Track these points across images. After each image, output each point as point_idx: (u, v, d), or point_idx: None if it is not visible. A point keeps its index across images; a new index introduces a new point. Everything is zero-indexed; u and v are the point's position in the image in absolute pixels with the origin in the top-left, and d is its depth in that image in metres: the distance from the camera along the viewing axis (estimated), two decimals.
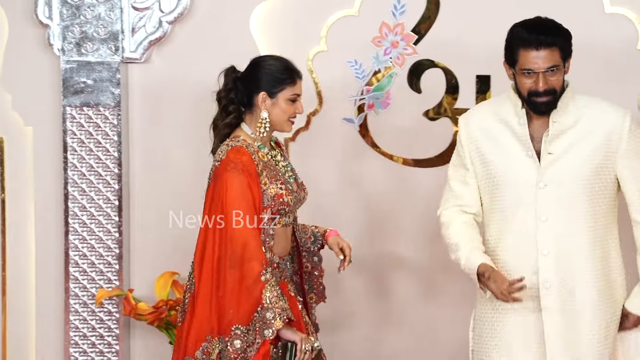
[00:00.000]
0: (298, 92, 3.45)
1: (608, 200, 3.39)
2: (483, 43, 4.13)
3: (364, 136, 4.23)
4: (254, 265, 3.26)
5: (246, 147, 3.37)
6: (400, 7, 4.18)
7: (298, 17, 4.20)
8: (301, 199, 3.51)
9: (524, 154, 3.37)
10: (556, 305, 3.34)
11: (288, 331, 3.27)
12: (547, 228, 3.34)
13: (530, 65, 3.30)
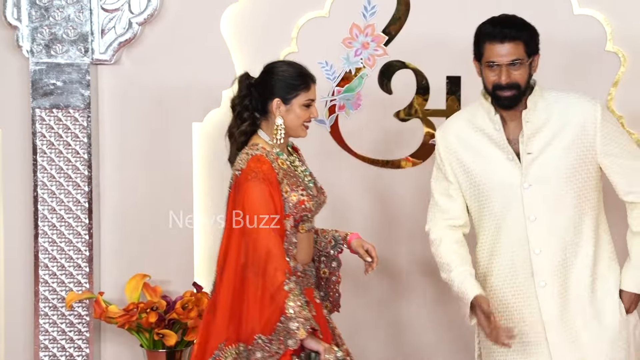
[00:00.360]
0: (312, 97, 3.42)
1: (594, 191, 3.42)
2: (453, 44, 4.15)
3: (335, 137, 4.24)
4: (277, 275, 3.22)
5: (266, 155, 3.35)
6: (370, 8, 4.19)
7: (268, 18, 4.20)
8: (321, 203, 3.50)
9: (504, 157, 3.40)
10: (553, 303, 3.38)
11: (312, 341, 3.23)
12: (536, 227, 3.38)
13: (494, 58, 3.35)
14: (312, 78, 3.44)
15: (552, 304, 3.39)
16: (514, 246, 3.40)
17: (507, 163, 3.40)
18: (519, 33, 3.35)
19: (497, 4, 4.06)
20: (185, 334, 3.96)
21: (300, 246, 3.39)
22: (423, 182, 4.06)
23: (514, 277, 3.42)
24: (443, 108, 4.20)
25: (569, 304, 3.40)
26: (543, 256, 3.38)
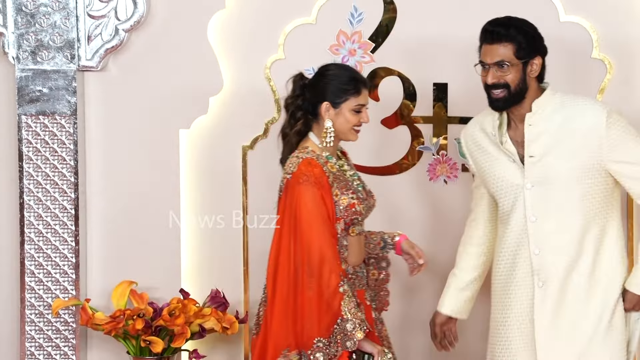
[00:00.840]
0: (362, 103, 3.46)
1: (602, 197, 3.44)
2: (440, 51, 4.16)
3: None
4: (332, 278, 3.28)
5: (316, 159, 3.39)
6: (357, 15, 4.20)
7: (255, 25, 4.20)
8: (371, 207, 3.54)
9: (507, 159, 3.47)
10: (548, 304, 3.42)
11: (366, 343, 3.29)
12: (536, 228, 3.43)
13: (482, 57, 3.44)
14: (365, 83, 3.48)
15: (547, 305, 3.42)
16: (516, 245, 3.47)
17: (510, 164, 3.47)
18: (509, 33, 3.39)
19: (483, 11, 4.05)
20: (172, 340, 3.95)
21: (351, 249, 3.44)
22: (413, 187, 4.17)
23: (513, 274, 3.48)
24: (430, 115, 4.21)
25: (565, 307, 3.42)
26: (542, 257, 3.42)
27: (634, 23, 4.09)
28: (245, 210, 4.23)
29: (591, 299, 3.43)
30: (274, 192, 4.13)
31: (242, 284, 4.23)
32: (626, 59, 4.07)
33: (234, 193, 4.22)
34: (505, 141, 3.50)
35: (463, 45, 4.03)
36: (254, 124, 4.21)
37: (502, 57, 3.39)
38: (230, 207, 4.23)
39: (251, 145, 4.21)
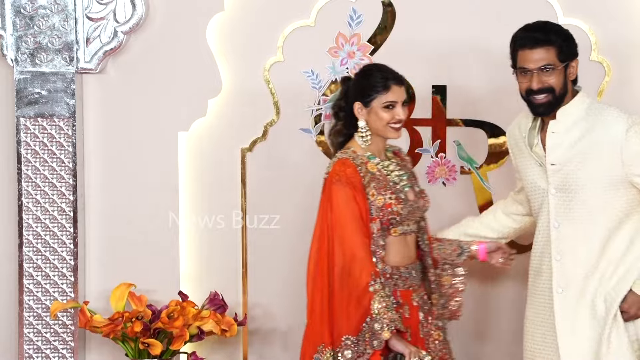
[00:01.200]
0: (392, 99, 3.48)
1: (626, 208, 3.43)
2: (439, 53, 4.15)
3: (321, 146, 4.23)
4: (363, 276, 3.33)
5: (352, 159, 3.45)
6: (356, 17, 4.19)
7: (254, 28, 4.20)
8: (420, 207, 3.55)
9: (535, 162, 3.51)
10: (567, 310, 3.43)
11: (397, 342, 3.32)
12: (558, 234, 3.45)
13: (524, 64, 3.42)
14: (395, 79, 3.50)
15: (567, 311, 3.43)
16: (542, 248, 3.51)
17: (537, 167, 3.51)
18: (550, 37, 3.41)
19: (482, 14, 4.13)
20: (171, 343, 3.95)
21: (393, 249, 3.46)
22: None
23: (539, 278, 3.52)
24: (429, 117, 4.20)
25: (584, 314, 3.42)
26: (563, 263, 3.44)
27: (632, 25, 4.09)
28: (244, 212, 4.23)
29: (609, 313, 3.41)
30: (273, 194, 4.23)
31: (240, 286, 4.23)
32: (624, 62, 4.07)
33: (233, 195, 4.22)
34: (535, 144, 3.52)
35: (462, 47, 4.11)
36: (253, 126, 4.21)
37: (547, 61, 3.40)
38: (229, 209, 4.23)
39: (250, 148, 4.21)
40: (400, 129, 3.52)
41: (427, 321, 3.53)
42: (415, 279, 3.52)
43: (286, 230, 4.22)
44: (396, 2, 4.18)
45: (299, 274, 4.08)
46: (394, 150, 3.65)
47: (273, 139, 4.23)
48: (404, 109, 3.51)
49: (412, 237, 3.55)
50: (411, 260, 3.53)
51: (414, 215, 3.53)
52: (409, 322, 3.44)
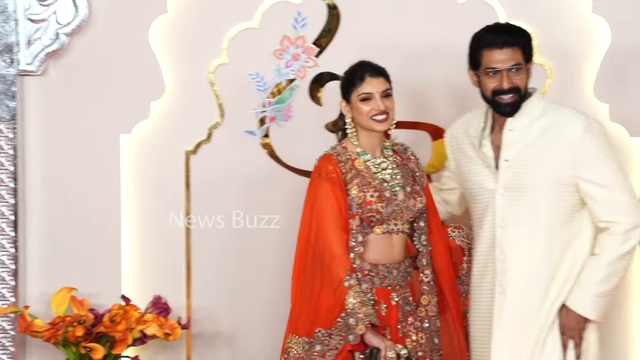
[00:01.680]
0: (368, 91, 3.48)
1: (571, 210, 3.45)
2: (384, 55, 4.02)
3: (266, 148, 4.23)
4: (338, 271, 3.36)
5: (337, 155, 3.48)
6: (301, 19, 4.20)
7: (198, 30, 4.19)
8: (409, 207, 3.51)
9: (482, 163, 3.51)
10: (506, 310, 3.44)
11: (373, 336, 3.32)
12: (504, 234, 3.46)
13: (493, 64, 3.43)
14: (371, 70, 3.50)
15: (505, 312, 3.44)
16: (487, 249, 3.50)
17: (484, 169, 3.51)
18: (517, 38, 3.44)
19: (426, 17, 4.16)
20: (113, 347, 3.92)
21: (373, 246, 3.47)
22: None
23: (483, 279, 3.52)
24: None
25: (523, 316, 3.44)
26: (505, 263, 3.45)
27: (572, 28, 4.15)
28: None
29: (543, 308, 3.44)
30: (217, 197, 4.21)
31: (184, 289, 4.22)
32: (566, 64, 4.12)
33: (177, 198, 4.21)
34: (484, 144, 3.53)
35: (407, 49, 4.14)
36: (197, 129, 4.20)
37: (517, 60, 3.43)
38: (173, 212, 4.21)
39: (194, 151, 4.20)
40: (386, 121, 3.47)
41: (407, 322, 3.50)
42: (397, 279, 3.50)
43: (230, 232, 4.21)
44: (341, 5, 4.19)
45: (242, 276, 4.24)
46: (395, 147, 3.62)
47: (218, 142, 4.22)
48: (387, 100, 3.48)
49: (400, 237, 3.52)
50: (394, 260, 3.51)
51: (402, 215, 3.50)
52: (386, 320, 3.43)
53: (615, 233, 3.40)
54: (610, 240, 3.41)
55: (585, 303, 3.41)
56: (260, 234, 4.22)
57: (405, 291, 3.52)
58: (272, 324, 4.16)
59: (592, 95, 4.14)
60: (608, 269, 3.40)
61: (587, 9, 4.13)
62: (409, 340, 3.48)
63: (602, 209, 3.42)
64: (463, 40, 4.02)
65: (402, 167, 3.56)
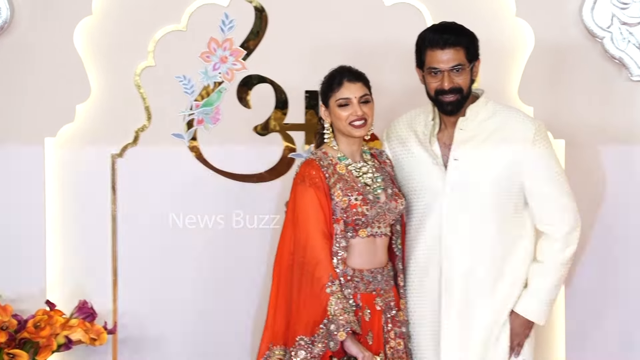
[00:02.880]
0: (345, 96, 3.48)
1: (517, 206, 3.52)
2: (311, 59, 4.19)
3: (193, 151, 4.23)
4: (321, 277, 3.35)
5: (319, 160, 3.47)
6: (228, 22, 4.21)
7: (124, 32, 4.18)
8: (391, 210, 3.52)
9: (431, 161, 3.54)
10: (454, 307, 3.49)
11: (352, 345, 3.33)
12: (450, 232, 3.51)
13: (435, 64, 3.47)
14: (349, 76, 3.49)
15: (453, 308, 3.50)
16: (430, 248, 3.54)
17: (433, 167, 3.54)
18: (459, 39, 3.48)
19: (356, 19, 4.18)
20: (37, 353, 3.90)
21: (356, 251, 3.47)
22: (285, 194, 4.04)
23: (425, 277, 3.55)
24: (302, 122, 4.24)
25: (469, 312, 3.50)
26: (451, 261, 3.50)
27: (498, 31, 4.19)
28: (114, 219, 4.20)
29: (492, 307, 3.50)
30: (143, 200, 4.20)
31: (110, 293, 4.20)
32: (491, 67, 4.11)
33: (103, 202, 4.19)
34: (433, 142, 3.57)
35: (334, 52, 4.13)
36: (124, 131, 4.19)
37: (458, 62, 3.46)
38: (98, 216, 4.20)
39: (120, 153, 4.19)
40: (364, 126, 3.49)
41: (387, 327, 3.53)
42: (381, 283, 3.52)
43: (157, 236, 4.21)
44: (268, 8, 4.21)
45: (169, 280, 4.23)
46: (372, 152, 3.65)
47: (145, 145, 4.21)
48: (365, 106, 3.49)
49: (383, 240, 3.55)
50: (378, 264, 3.52)
51: (385, 217, 3.52)
52: (370, 325, 3.45)
53: (556, 239, 3.50)
54: (552, 247, 3.50)
55: (535, 310, 3.51)
56: (188, 237, 4.22)
57: (388, 295, 3.54)
58: (198, 328, 4.23)
59: (517, 98, 4.19)
60: (554, 275, 3.51)
61: (511, 13, 4.20)
62: (388, 347, 3.51)
63: (544, 210, 3.51)
64: (391, 42, 4.13)
65: (381, 171, 3.60)
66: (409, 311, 3.61)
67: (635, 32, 4.15)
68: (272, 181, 4.24)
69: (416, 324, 3.60)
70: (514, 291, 3.53)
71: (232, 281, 4.24)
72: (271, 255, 3.87)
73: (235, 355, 4.23)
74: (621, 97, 4.22)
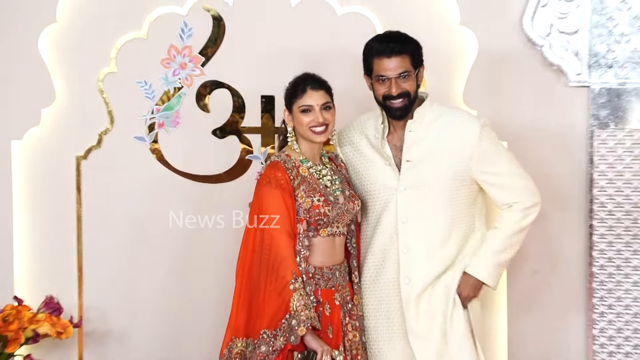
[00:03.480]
0: (308, 103, 3.52)
1: (467, 202, 3.62)
2: (267, 65, 4.25)
3: (155, 153, 4.27)
4: (285, 274, 3.38)
5: (284, 163, 3.49)
6: (187, 30, 4.24)
7: (87, 39, 4.20)
8: (349, 210, 3.58)
9: (383, 162, 3.62)
10: (413, 299, 3.57)
11: (312, 339, 3.38)
12: (406, 228, 3.59)
13: (383, 72, 3.55)
14: (313, 83, 3.53)
15: (413, 301, 3.58)
16: (386, 244, 3.61)
17: (386, 168, 3.62)
18: (404, 47, 3.54)
19: (310, 28, 4.23)
20: (6, 346, 3.91)
21: (317, 249, 3.52)
22: (243, 195, 4.17)
23: (382, 272, 3.62)
24: (258, 125, 4.30)
25: (430, 303, 3.58)
26: (409, 255, 3.58)
27: (444, 39, 4.26)
28: (80, 218, 4.22)
29: (449, 298, 3.59)
30: (107, 201, 4.21)
31: (76, 289, 4.23)
32: (437, 73, 4.22)
33: (69, 202, 4.22)
34: (384, 145, 3.64)
35: (289, 59, 4.20)
36: (88, 134, 4.22)
37: (405, 68, 3.54)
38: (64, 215, 4.23)
39: (85, 155, 4.23)
40: (324, 132, 3.55)
41: (345, 320, 3.59)
42: (339, 280, 3.57)
43: (121, 233, 4.25)
44: (226, 17, 4.25)
45: (133, 275, 4.25)
46: (330, 156, 3.70)
47: (108, 147, 4.24)
48: (326, 113, 3.55)
49: (341, 239, 3.61)
50: (336, 262, 3.59)
51: (343, 218, 3.58)
52: (329, 319, 3.50)
53: (516, 210, 3.60)
54: (511, 216, 3.60)
55: (485, 270, 3.59)
56: (150, 234, 4.25)
57: (345, 291, 3.60)
58: (162, 321, 4.27)
59: (462, 102, 4.26)
60: (508, 240, 3.60)
61: (456, 22, 4.27)
62: (347, 339, 3.57)
63: (504, 193, 3.61)
64: (343, 50, 4.17)
65: (338, 173, 3.66)
66: (364, 305, 3.68)
67: (572, 40, 4.27)
68: (230, 182, 4.28)
69: (371, 317, 3.67)
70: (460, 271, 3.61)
71: (194, 277, 4.28)
72: (231, 253, 3.88)
73: (198, 347, 4.28)
74: (559, 102, 4.31)
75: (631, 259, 4.26)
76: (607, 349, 4.27)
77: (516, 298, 4.34)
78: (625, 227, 4.25)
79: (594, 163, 4.27)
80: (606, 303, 4.26)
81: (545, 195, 4.17)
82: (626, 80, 4.27)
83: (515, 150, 4.15)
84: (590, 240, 4.29)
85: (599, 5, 4.26)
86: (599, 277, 4.27)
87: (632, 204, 4.25)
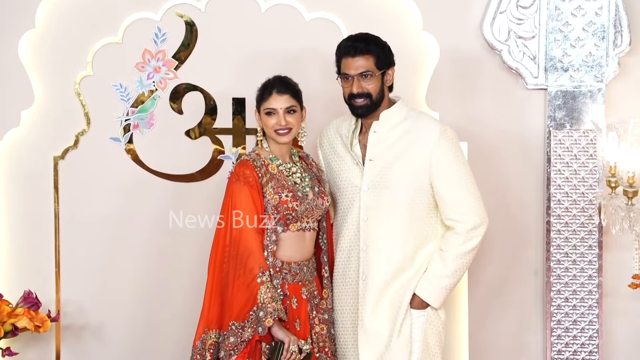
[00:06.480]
0: (272, 106, 3.59)
1: (426, 204, 3.66)
2: (238, 69, 4.31)
3: (130, 154, 4.33)
4: (253, 268, 3.45)
5: (253, 161, 3.56)
6: (161, 35, 4.31)
7: (65, 44, 4.27)
8: (318, 206, 3.64)
9: (352, 161, 3.70)
10: (369, 296, 3.64)
11: (279, 330, 3.45)
12: (367, 227, 3.65)
13: (346, 70, 3.63)
14: (278, 87, 3.60)
15: (369, 297, 3.64)
16: (351, 241, 3.69)
17: (354, 166, 3.69)
18: (368, 47, 3.60)
19: (280, 32, 4.30)
20: None
21: (286, 244, 3.60)
22: (215, 193, 4.17)
23: (347, 268, 3.70)
24: (230, 127, 4.38)
25: (385, 301, 3.65)
26: (367, 253, 3.64)
27: (407, 44, 4.30)
28: (57, 216, 4.27)
29: (402, 305, 3.65)
30: (84, 199, 4.26)
31: (54, 284, 4.27)
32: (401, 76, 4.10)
33: (47, 200, 4.28)
34: (354, 144, 3.71)
35: (259, 62, 4.27)
36: (65, 135, 4.28)
37: (366, 68, 3.58)
38: (43, 213, 4.28)
39: (62, 156, 4.29)
40: (287, 134, 3.61)
41: (313, 314, 3.66)
42: (306, 275, 3.64)
43: (98, 230, 4.30)
44: (198, 22, 4.31)
45: (108, 270, 4.29)
46: (300, 154, 3.76)
47: (84, 148, 4.30)
48: (290, 116, 3.61)
49: (312, 234, 3.68)
50: (305, 257, 3.66)
51: (313, 213, 3.66)
52: (297, 312, 3.56)
53: (459, 232, 3.61)
54: (455, 239, 3.62)
55: (429, 292, 3.63)
56: (127, 232, 4.31)
57: (312, 286, 3.67)
58: (137, 315, 4.33)
59: (424, 104, 4.33)
60: (453, 264, 3.61)
61: (419, 27, 4.34)
62: (314, 332, 3.63)
63: (450, 207, 3.62)
64: (311, 53, 4.22)
65: (308, 171, 3.73)
66: (333, 299, 3.74)
67: (530, 45, 4.35)
68: (202, 181, 4.34)
69: (339, 310, 3.73)
70: (416, 277, 3.66)
71: (168, 273, 4.34)
72: (203, 250, 3.93)
73: (173, 339, 4.33)
74: (517, 104, 4.39)
75: (587, 253, 4.36)
76: (564, 340, 4.38)
77: (477, 297, 4.40)
78: (580, 224, 4.35)
79: (551, 162, 4.35)
80: (563, 296, 4.37)
81: (504, 193, 4.39)
82: (581, 83, 4.36)
83: (475, 150, 4.31)
84: (547, 236, 4.37)
85: (555, 11, 4.34)
86: (556, 272, 4.37)
87: (587, 201, 4.34)
